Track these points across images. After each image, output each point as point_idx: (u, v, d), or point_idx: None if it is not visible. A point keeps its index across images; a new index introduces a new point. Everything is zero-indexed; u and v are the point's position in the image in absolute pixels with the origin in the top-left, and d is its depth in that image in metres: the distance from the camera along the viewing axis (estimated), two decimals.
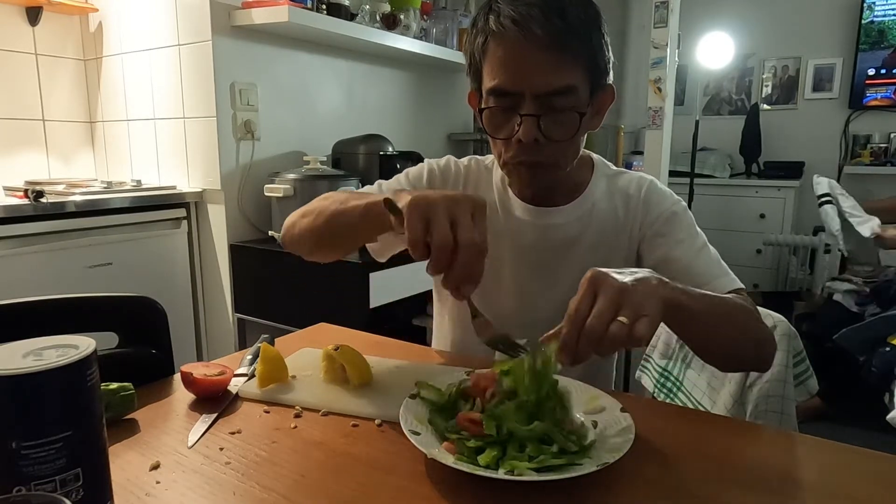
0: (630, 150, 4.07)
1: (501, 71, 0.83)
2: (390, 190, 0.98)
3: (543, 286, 0.98)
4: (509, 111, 0.84)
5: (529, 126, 0.82)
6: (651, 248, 0.95)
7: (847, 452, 0.66)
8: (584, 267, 0.96)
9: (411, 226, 0.63)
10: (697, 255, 0.92)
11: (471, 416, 0.63)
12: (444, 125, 3.13)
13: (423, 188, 1.01)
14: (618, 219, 0.97)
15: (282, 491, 0.56)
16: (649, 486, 0.58)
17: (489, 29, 0.83)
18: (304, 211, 0.92)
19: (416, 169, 1.04)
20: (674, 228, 0.95)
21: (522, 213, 0.98)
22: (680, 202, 0.98)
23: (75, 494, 0.46)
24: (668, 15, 2.41)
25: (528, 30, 0.79)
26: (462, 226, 0.63)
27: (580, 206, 0.97)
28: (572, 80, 0.82)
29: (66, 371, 0.44)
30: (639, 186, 0.99)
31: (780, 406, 1.10)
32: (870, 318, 2.38)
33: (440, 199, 0.64)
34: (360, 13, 2.31)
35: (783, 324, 1.13)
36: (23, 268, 1.68)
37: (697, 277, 0.87)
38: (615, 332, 0.58)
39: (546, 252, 0.97)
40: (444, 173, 1.03)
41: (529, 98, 0.82)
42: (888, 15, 3.49)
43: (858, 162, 3.60)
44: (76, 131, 2.36)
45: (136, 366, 0.78)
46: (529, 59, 0.81)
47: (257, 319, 2.06)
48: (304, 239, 0.92)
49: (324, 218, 0.86)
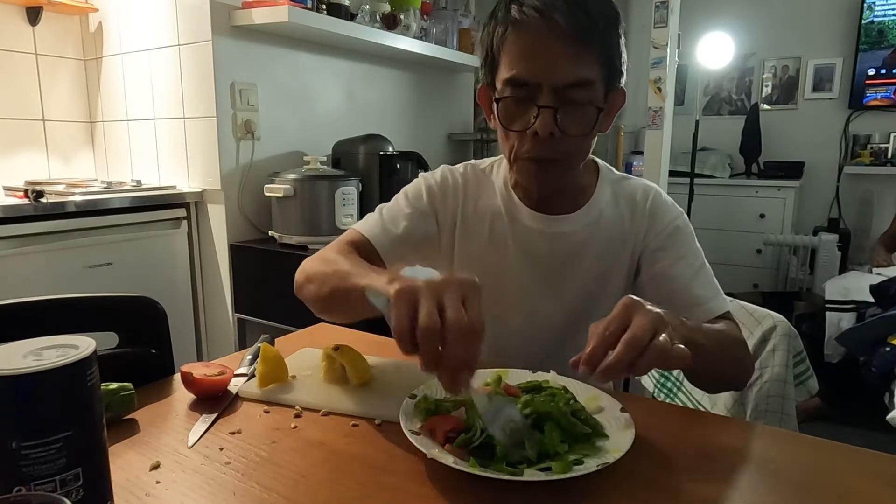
0: (630, 150, 4.07)
1: (521, 60, 0.82)
2: (384, 232, 0.94)
3: (549, 294, 0.97)
4: (525, 103, 0.83)
5: (546, 118, 0.81)
6: (651, 261, 0.94)
7: (847, 452, 0.66)
8: (589, 275, 0.98)
9: (396, 316, 0.58)
10: (696, 276, 0.92)
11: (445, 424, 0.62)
12: (444, 125, 3.13)
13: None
14: (624, 226, 0.96)
15: (282, 491, 0.56)
16: (649, 486, 0.58)
17: (511, 18, 0.82)
18: (310, 273, 0.88)
19: (413, 187, 1.02)
20: (676, 243, 0.94)
21: (530, 220, 0.96)
22: (682, 215, 0.98)
23: (75, 494, 0.46)
24: (668, 15, 2.41)
25: (551, 20, 0.78)
26: (449, 307, 0.57)
27: (588, 213, 0.96)
28: (591, 74, 0.82)
29: (66, 371, 0.44)
30: (645, 194, 0.98)
31: (780, 406, 1.10)
32: (870, 318, 2.38)
33: (426, 286, 0.59)
34: (360, 13, 2.31)
35: (783, 324, 1.13)
36: (23, 268, 1.68)
37: (694, 298, 0.89)
38: (661, 345, 0.59)
39: (554, 260, 0.96)
40: (443, 187, 1.00)
41: (547, 89, 0.81)
42: (888, 15, 3.49)
43: (858, 162, 3.60)
44: (76, 131, 2.36)
45: (136, 366, 0.78)
46: (551, 50, 0.80)
47: (257, 319, 2.06)
48: (313, 305, 0.89)
49: (327, 289, 0.83)
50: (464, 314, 0.57)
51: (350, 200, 2.01)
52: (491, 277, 0.98)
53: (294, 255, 1.92)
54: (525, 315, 0.98)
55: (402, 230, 0.96)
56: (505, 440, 0.59)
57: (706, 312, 0.87)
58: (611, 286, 0.96)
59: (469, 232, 0.99)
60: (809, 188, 3.76)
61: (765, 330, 1.13)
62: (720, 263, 3.35)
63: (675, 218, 0.96)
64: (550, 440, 0.59)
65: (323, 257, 0.89)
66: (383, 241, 0.94)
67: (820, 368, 1.28)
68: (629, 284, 0.98)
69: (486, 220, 0.98)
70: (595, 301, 0.96)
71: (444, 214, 0.99)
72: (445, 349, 0.56)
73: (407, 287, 0.59)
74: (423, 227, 0.97)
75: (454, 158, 2.09)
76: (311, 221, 1.96)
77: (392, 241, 0.94)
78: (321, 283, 0.84)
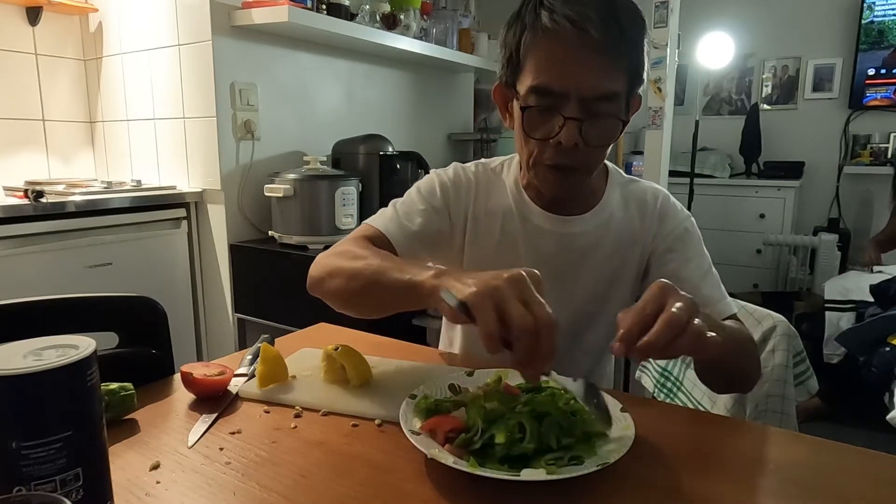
0: (630, 150, 4.06)
1: (550, 69, 0.81)
2: (400, 228, 0.94)
3: (559, 295, 0.96)
4: (549, 111, 0.82)
5: (572, 130, 0.81)
6: (661, 263, 0.95)
7: (847, 452, 0.66)
8: (599, 277, 0.98)
9: (485, 321, 0.58)
10: (704, 278, 0.92)
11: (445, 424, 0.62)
12: (444, 125, 3.13)
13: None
14: (634, 228, 0.97)
15: (282, 491, 0.56)
16: (649, 486, 0.58)
17: (541, 25, 0.80)
18: (332, 269, 0.86)
19: (426, 182, 1.01)
20: (685, 246, 0.95)
21: (541, 220, 0.96)
22: (690, 218, 0.98)
23: (75, 494, 0.46)
24: (668, 15, 2.41)
25: (584, 31, 0.77)
26: (534, 303, 0.59)
27: (599, 214, 0.96)
28: (618, 87, 0.82)
29: (66, 371, 0.44)
30: (654, 196, 0.98)
31: (780, 406, 1.11)
32: (870, 318, 2.38)
33: (505, 284, 0.60)
34: (360, 13, 2.31)
35: (783, 324, 1.13)
36: (23, 268, 1.68)
37: (703, 300, 0.87)
38: (698, 328, 0.58)
39: (565, 261, 0.96)
40: (456, 184, 1.00)
41: (575, 100, 0.80)
42: (888, 15, 3.48)
43: (858, 162, 3.60)
44: (76, 131, 2.36)
45: (136, 366, 0.78)
46: (581, 61, 0.79)
47: (257, 319, 2.06)
48: (337, 298, 0.87)
49: (360, 283, 0.81)
50: (548, 309, 0.59)
51: (350, 200, 2.01)
52: None
53: (294, 255, 1.92)
54: None
55: (418, 226, 0.95)
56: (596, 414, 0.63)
57: (713, 314, 0.87)
58: (620, 288, 0.97)
59: (480, 230, 0.99)
60: (809, 188, 3.75)
61: (765, 330, 1.13)
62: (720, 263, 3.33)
63: (683, 220, 0.97)
64: (548, 433, 0.60)
65: (342, 251, 0.88)
66: (399, 237, 0.93)
67: (820, 368, 1.28)
68: (638, 286, 0.98)
69: (497, 219, 0.98)
70: (603, 302, 0.97)
71: (456, 212, 0.99)
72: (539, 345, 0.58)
73: (487, 287, 0.60)
74: (437, 223, 0.97)
75: (454, 158, 2.09)
76: (311, 221, 1.96)
77: (408, 236, 0.94)
78: (350, 277, 0.83)
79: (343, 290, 0.84)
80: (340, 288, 0.85)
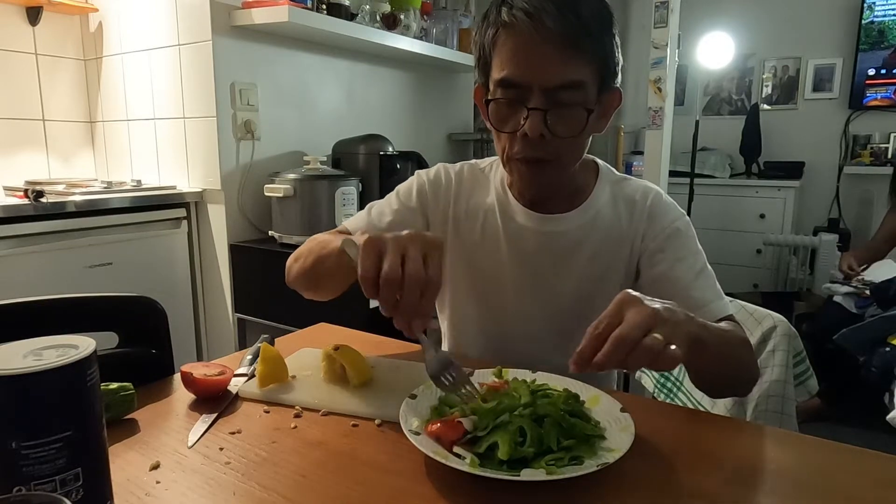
0: (630, 150, 4.07)
1: (511, 62, 0.82)
2: (369, 225, 1.00)
3: (542, 294, 0.97)
4: (516, 104, 0.84)
5: (536, 120, 0.82)
6: (651, 263, 0.93)
7: (847, 452, 0.66)
8: (584, 276, 0.97)
9: (363, 262, 0.65)
10: (697, 278, 0.90)
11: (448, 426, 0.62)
12: (444, 125, 3.13)
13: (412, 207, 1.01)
14: (621, 227, 0.95)
15: (282, 491, 0.56)
16: (649, 486, 0.58)
17: (501, 20, 0.83)
18: (297, 254, 0.97)
19: (405, 185, 1.04)
20: (675, 245, 0.93)
21: (524, 218, 0.96)
22: (684, 217, 0.96)
23: (75, 494, 0.46)
24: (668, 15, 2.41)
25: (540, 23, 0.79)
26: (411, 259, 0.64)
27: (584, 213, 0.95)
28: (581, 76, 0.82)
29: (66, 371, 0.44)
30: (645, 195, 0.96)
31: (780, 406, 1.10)
32: (870, 318, 2.38)
33: (393, 238, 0.66)
34: (360, 13, 2.31)
35: (783, 324, 1.13)
36: (23, 268, 1.68)
37: (694, 301, 0.86)
38: (650, 344, 0.57)
39: (547, 260, 0.96)
40: (435, 185, 1.02)
41: (537, 91, 0.81)
42: (888, 15, 3.49)
43: (858, 162, 3.60)
44: (76, 131, 2.36)
45: (136, 366, 0.78)
46: (539, 53, 0.80)
47: (257, 319, 2.06)
48: (299, 281, 0.96)
49: (310, 261, 0.91)
50: (422, 267, 0.64)
51: (350, 200, 2.02)
52: (484, 274, 0.99)
53: None
54: (519, 314, 0.98)
55: (386, 224, 0.98)
56: (446, 390, 0.68)
57: (706, 316, 0.85)
58: (608, 288, 0.95)
59: (462, 229, 1.00)
60: (809, 188, 3.76)
61: (765, 330, 1.13)
62: (720, 263, 3.35)
63: (675, 219, 0.95)
64: (548, 435, 0.60)
65: (308, 240, 0.97)
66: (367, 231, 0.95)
67: (820, 368, 1.28)
68: (628, 286, 0.97)
69: (478, 217, 0.99)
70: (592, 302, 0.95)
71: (435, 212, 1.01)
72: (403, 297, 0.63)
73: (376, 238, 0.66)
74: (411, 222, 0.99)
75: (454, 158, 2.09)
76: (311, 221, 1.96)
77: (375, 231, 0.95)
78: (305, 257, 0.93)
79: (301, 269, 0.94)
80: (299, 268, 0.94)
